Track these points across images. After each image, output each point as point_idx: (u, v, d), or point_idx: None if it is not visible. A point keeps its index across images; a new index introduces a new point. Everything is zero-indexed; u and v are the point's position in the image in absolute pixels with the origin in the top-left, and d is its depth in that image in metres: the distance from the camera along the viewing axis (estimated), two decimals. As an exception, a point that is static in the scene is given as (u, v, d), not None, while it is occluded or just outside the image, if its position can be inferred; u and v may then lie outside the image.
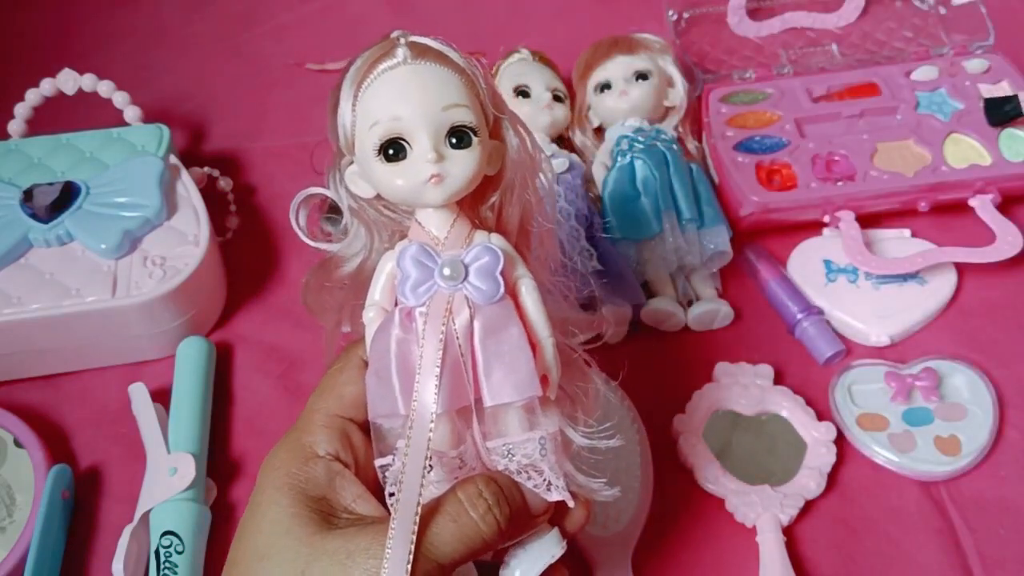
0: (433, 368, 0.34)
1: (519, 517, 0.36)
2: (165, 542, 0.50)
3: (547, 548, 0.38)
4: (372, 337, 0.37)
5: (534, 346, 0.37)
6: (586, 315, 0.44)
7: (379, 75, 0.36)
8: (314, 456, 0.37)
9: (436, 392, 0.34)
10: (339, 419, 0.38)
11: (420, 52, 0.36)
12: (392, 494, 0.34)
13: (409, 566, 0.32)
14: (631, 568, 0.50)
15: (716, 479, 0.53)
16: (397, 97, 0.35)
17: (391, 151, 0.35)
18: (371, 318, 0.38)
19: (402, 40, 0.36)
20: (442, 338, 0.35)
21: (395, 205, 0.39)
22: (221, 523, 0.53)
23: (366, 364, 0.38)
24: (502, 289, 0.36)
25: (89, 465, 0.56)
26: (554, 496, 0.37)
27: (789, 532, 0.52)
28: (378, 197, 0.38)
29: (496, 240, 0.37)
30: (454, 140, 0.36)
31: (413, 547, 0.32)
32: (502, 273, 0.36)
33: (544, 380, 0.37)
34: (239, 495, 0.55)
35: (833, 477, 0.54)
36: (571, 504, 0.37)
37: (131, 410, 0.56)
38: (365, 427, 0.38)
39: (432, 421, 0.34)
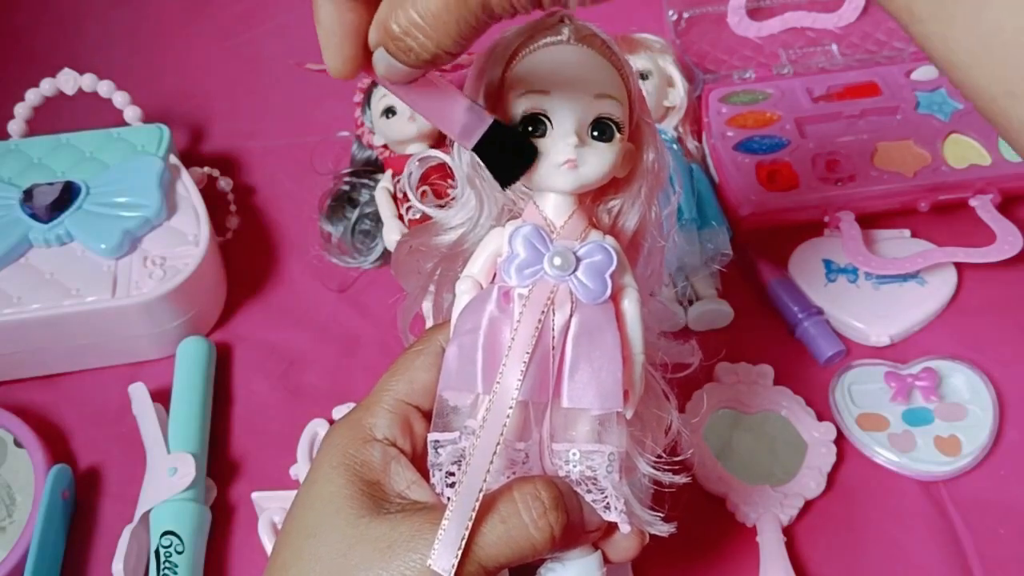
0: (523, 354, 0.33)
1: (573, 529, 0.34)
2: (165, 542, 0.50)
3: (587, 570, 0.36)
4: (462, 309, 0.36)
5: (624, 359, 0.35)
6: (676, 343, 0.43)
7: (539, 47, 0.35)
8: (372, 439, 0.36)
9: (520, 379, 0.33)
10: (404, 405, 0.37)
11: (585, 36, 0.35)
12: (452, 473, 0.34)
13: (460, 552, 0.31)
14: (631, 568, 0.50)
15: (716, 479, 0.53)
16: (552, 73, 0.34)
17: (531, 126, 0.34)
18: (464, 289, 0.36)
19: (568, 20, 0.35)
20: (539, 327, 0.33)
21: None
22: (221, 523, 0.53)
23: (442, 350, 0.37)
24: (608, 291, 0.35)
25: (89, 465, 0.56)
26: (611, 516, 0.35)
27: (789, 532, 0.52)
28: None
29: (611, 241, 0.36)
30: (596, 132, 0.35)
31: (467, 533, 0.31)
32: (611, 276, 0.35)
33: (625, 396, 0.35)
34: (239, 495, 0.55)
35: (833, 477, 0.54)
36: (624, 529, 0.36)
37: (131, 410, 0.56)
38: (430, 416, 0.37)
39: (511, 407, 0.33)
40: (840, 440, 0.55)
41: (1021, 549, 0.51)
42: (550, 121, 0.34)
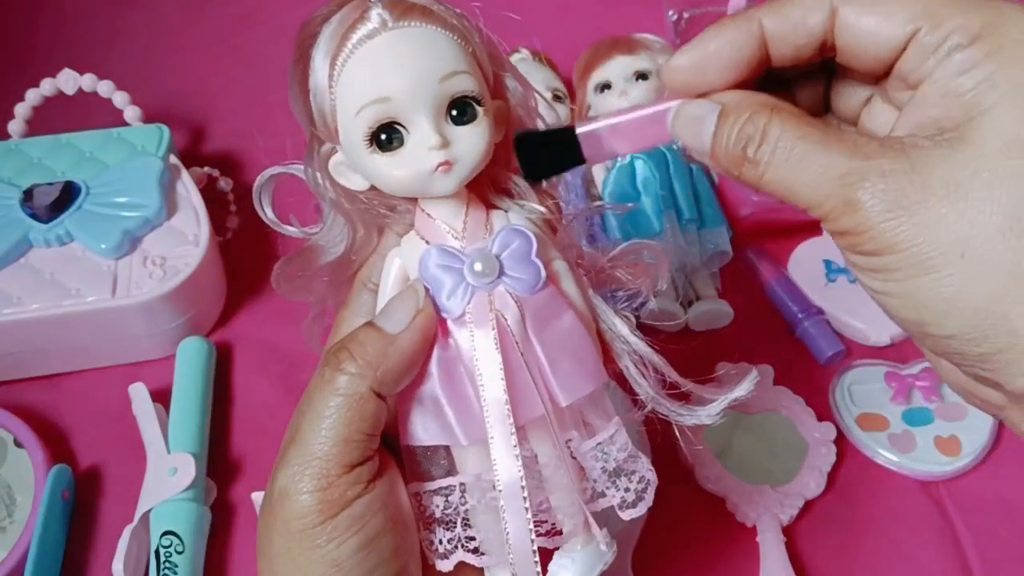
0: (499, 381, 0.30)
1: None
2: (165, 542, 0.50)
3: (594, 557, 0.34)
4: None
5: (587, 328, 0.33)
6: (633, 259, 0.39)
7: (356, 46, 0.30)
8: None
9: (507, 409, 0.30)
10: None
11: (403, 12, 0.30)
12: (472, 537, 0.32)
13: None
14: (631, 568, 0.50)
15: (716, 479, 0.53)
16: (383, 73, 0.30)
17: (384, 137, 0.30)
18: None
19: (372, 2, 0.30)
20: (496, 344, 0.30)
21: (393, 196, 0.33)
22: (221, 523, 0.53)
23: (371, 290, 0.34)
24: (543, 272, 0.31)
25: (89, 465, 0.56)
26: (644, 507, 0.33)
27: (789, 532, 0.52)
28: (373, 189, 0.33)
29: (516, 218, 0.33)
30: (455, 112, 0.31)
31: None
32: (537, 256, 0.31)
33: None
34: (239, 495, 0.55)
35: (833, 477, 0.54)
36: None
37: (131, 410, 0.56)
38: None
39: (515, 443, 0.30)
40: (840, 440, 0.55)
41: (1021, 549, 0.51)
42: (404, 127, 0.30)
